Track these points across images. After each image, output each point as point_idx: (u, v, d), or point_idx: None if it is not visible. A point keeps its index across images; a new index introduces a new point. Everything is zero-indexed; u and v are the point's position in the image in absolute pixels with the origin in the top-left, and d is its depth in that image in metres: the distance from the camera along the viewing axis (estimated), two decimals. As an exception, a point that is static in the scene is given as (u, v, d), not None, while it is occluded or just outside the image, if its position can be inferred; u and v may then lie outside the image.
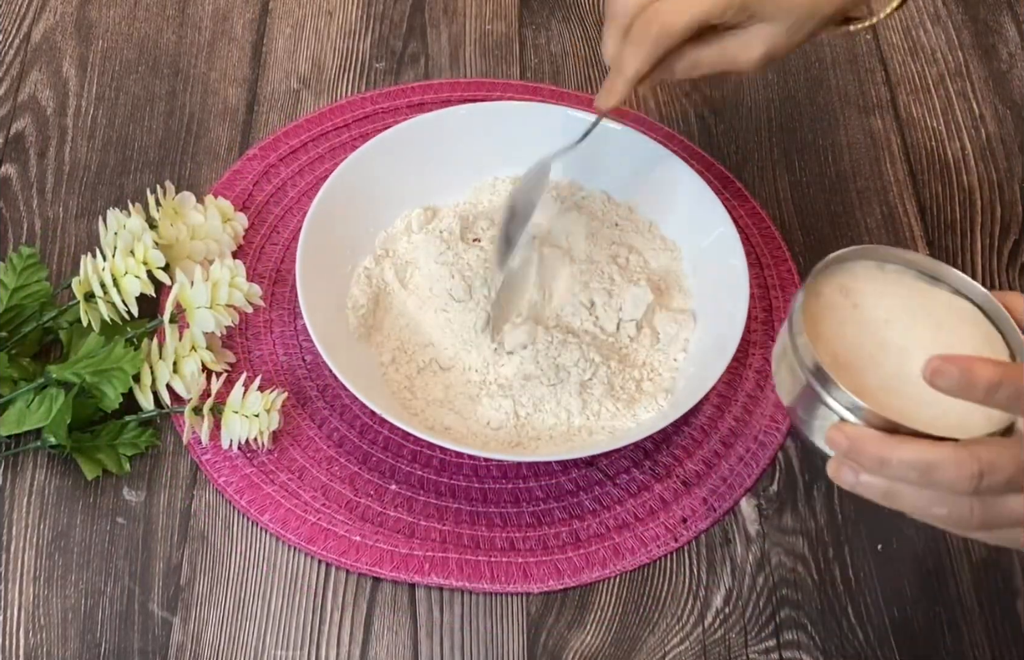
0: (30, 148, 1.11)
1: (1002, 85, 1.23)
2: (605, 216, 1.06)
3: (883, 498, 0.70)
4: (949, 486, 0.67)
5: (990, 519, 0.68)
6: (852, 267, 0.77)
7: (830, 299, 0.76)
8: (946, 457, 0.66)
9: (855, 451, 0.69)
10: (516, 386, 0.95)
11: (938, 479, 0.67)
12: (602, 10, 1.26)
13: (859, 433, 0.69)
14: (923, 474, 0.67)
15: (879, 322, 0.75)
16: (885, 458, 0.68)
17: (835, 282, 0.77)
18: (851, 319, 0.75)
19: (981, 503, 0.68)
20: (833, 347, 0.74)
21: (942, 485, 0.67)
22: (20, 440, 0.93)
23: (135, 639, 0.85)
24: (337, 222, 1.01)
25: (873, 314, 0.75)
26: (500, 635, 0.87)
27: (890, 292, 0.76)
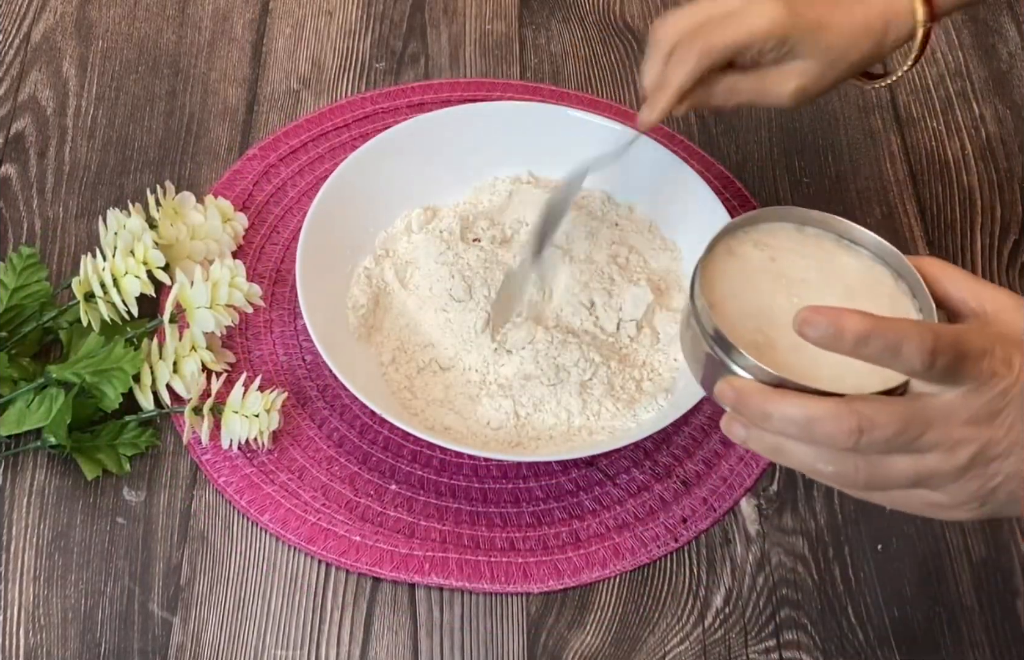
0: (30, 148, 1.11)
1: (1002, 85, 1.23)
2: (605, 216, 1.06)
3: (772, 453, 0.70)
4: (829, 441, 0.67)
5: (876, 479, 0.68)
6: (771, 228, 0.78)
7: (746, 255, 0.76)
8: (826, 411, 0.66)
9: (741, 404, 0.69)
10: (516, 386, 0.95)
11: (818, 433, 0.67)
12: (602, 10, 1.26)
13: (745, 386, 0.69)
14: (803, 428, 0.67)
15: (795, 280, 0.75)
16: (768, 411, 0.68)
17: (750, 239, 0.77)
18: (768, 270, 0.76)
19: (866, 461, 0.68)
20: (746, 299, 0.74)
21: (823, 440, 0.67)
22: (20, 440, 0.93)
23: (135, 639, 0.85)
24: (337, 222, 1.01)
25: (789, 271, 0.76)
26: (500, 635, 0.87)
27: (808, 252, 0.77)
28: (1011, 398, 0.67)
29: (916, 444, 0.67)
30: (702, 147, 1.15)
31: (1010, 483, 0.68)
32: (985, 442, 0.67)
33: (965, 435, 0.67)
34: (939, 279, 0.73)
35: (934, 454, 0.67)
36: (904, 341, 0.64)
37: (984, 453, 0.67)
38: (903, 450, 0.67)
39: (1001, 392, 0.66)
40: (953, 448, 0.67)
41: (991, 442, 0.67)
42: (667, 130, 1.15)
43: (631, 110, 1.17)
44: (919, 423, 0.66)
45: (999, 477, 0.68)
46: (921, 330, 0.64)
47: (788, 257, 0.77)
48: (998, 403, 0.67)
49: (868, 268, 0.77)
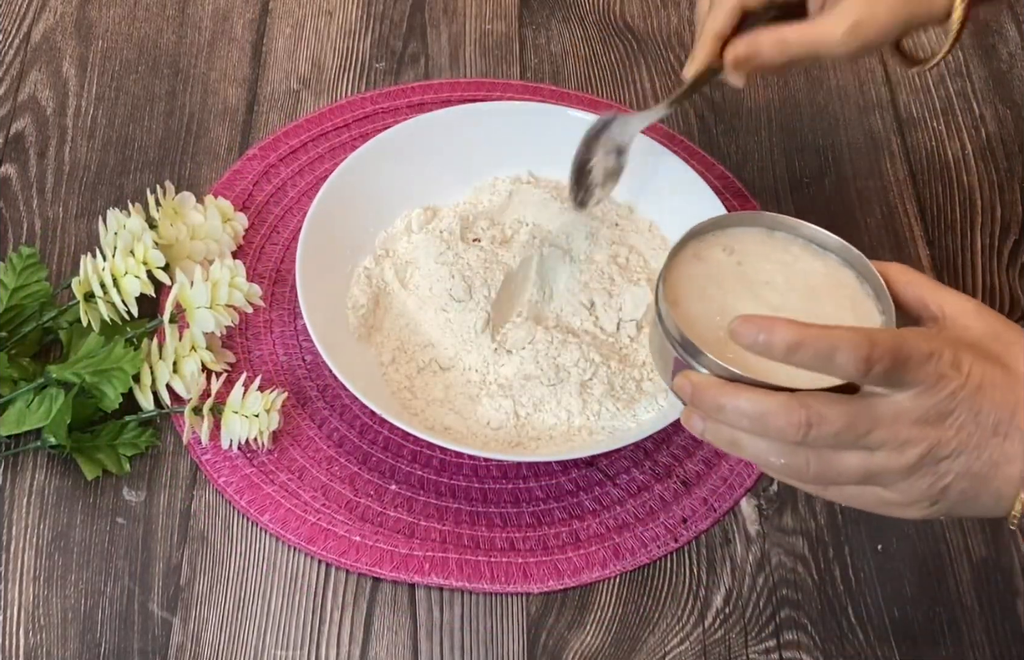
0: (30, 148, 1.11)
1: (1002, 85, 1.23)
2: (605, 216, 1.06)
3: (728, 446, 0.72)
4: (779, 434, 0.68)
5: (826, 473, 0.70)
6: (739, 232, 0.79)
7: (713, 259, 0.78)
8: (776, 405, 0.68)
9: (697, 397, 0.71)
10: (516, 386, 0.95)
11: (770, 426, 0.68)
12: (602, 10, 1.26)
13: (701, 380, 0.71)
14: (755, 421, 0.69)
15: (760, 283, 0.77)
16: (721, 404, 0.70)
17: (719, 243, 0.79)
18: (733, 273, 0.77)
19: (816, 456, 0.69)
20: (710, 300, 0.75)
21: (774, 433, 0.68)
22: (20, 440, 0.93)
23: (135, 639, 0.85)
24: (337, 222, 1.01)
25: (754, 275, 0.77)
26: (500, 635, 0.87)
27: (774, 257, 0.78)
28: (960, 400, 0.67)
29: (864, 441, 0.68)
30: (702, 147, 1.15)
31: (961, 481, 0.69)
32: (934, 442, 0.68)
33: (913, 435, 0.68)
34: (901, 283, 0.74)
35: (883, 452, 0.68)
36: (836, 350, 0.65)
37: (933, 453, 0.68)
38: (852, 446, 0.68)
39: (950, 394, 0.67)
40: (901, 447, 0.68)
41: (940, 442, 0.68)
42: (667, 130, 1.15)
43: (631, 110, 1.17)
44: (867, 420, 0.67)
45: (949, 476, 0.69)
46: (855, 338, 0.65)
47: (754, 261, 0.78)
48: (947, 405, 0.67)
49: (833, 271, 0.78)
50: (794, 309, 0.75)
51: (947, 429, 0.68)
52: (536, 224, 1.03)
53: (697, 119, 1.18)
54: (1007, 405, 0.68)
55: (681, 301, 0.75)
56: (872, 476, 0.69)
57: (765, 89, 1.21)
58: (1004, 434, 0.68)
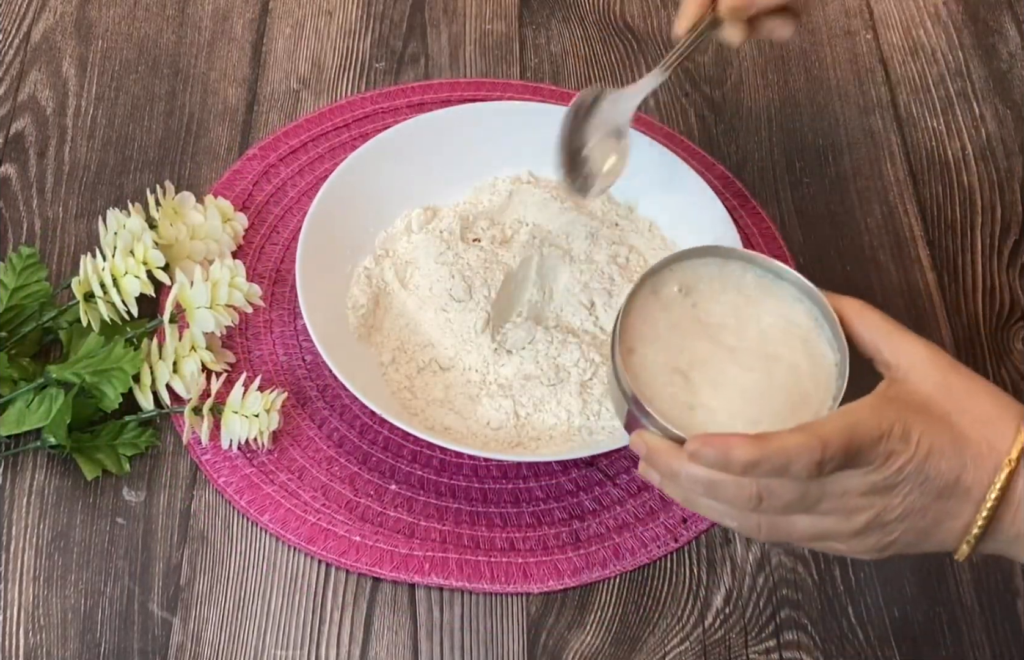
0: (30, 148, 1.11)
1: (1002, 85, 1.23)
2: (605, 216, 1.06)
3: (684, 503, 0.74)
4: (731, 503, 0.70)
5: (777, 535, 0.72)
6: (694, 265, 0.80)
7: (669, 297, 0.79)
8: (726, 478, 0.69)
9: (651, 460, 0.73)
10: (516, 386, 0.94)
11: (721, 496, 0.70)
12: (602, 10, 1.26)
13: (655, 444, 0.72)
14: (708, 489, 0.71)
15: (714, 326, 0.77)
16: (675, 471, 0.71)
17: (675, 279, 0.79)
18: (688, 316, 0.78)
19: (768, 520, 0.71)
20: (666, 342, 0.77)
21: (726, 501, 0.70)
22: (20, 440, 0.93)
23: (135, 639, 0.85)
24: (337, 222, 1.01)
25: (707, 317, 0.78)
26: (500, 635, 0.87)
27: (727, 299, 0.79)
28: (908, 474, 0.69)
29: (814, 509, 0.70)
30: (702, 147, 1.15)
31: (907, 536, 0.71)
32: (880, 509, 0.70)
33: (861, 504, 0.70)
34: (856, 323, 0.75)
35: (831, 518, 0.70)
36: (791, 462, 0.67)
37: (879, 518, 0.70)
38: (802, 512, 0.70)
39: (898, 469, 0.69)
40: (849, 515, 0.70)
41: (887, 509, 0.70)
42: (667, 130, 1.15)
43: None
44: (816, 493, 0.69)
45: (895, 534, 0.71)
46: (809, 445, 0.67)
47: (708, 303, 0.78)
48: (895, 479, 0.69)
49: (787, 310, 0.78)
50: (749, 351, 0.76)
51: (894, 497, 0.70)
52: (536, 224, 1.03)
53: (697, 119, 1.18)
54: (952, 471, 0.70)
55: (637, 347, 0.76)
56: (821, 536, 0.72)
57: (765, 89, 1.21)
58: (948, 496, 0.70)
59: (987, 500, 0.69)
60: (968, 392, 0.71)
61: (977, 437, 0.70)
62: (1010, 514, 0.70)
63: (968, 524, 0.70)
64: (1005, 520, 0.70)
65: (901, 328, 0.74)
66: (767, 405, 0.74)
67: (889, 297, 1.06)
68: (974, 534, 0.70)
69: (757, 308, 0.78)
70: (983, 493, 0.69)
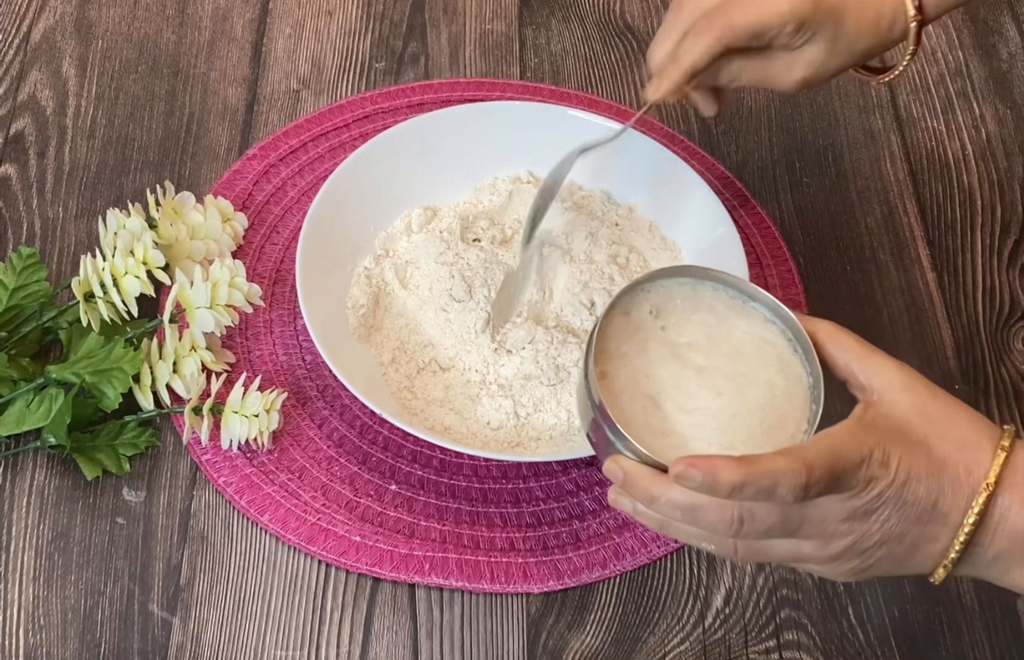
0: (30, 148, 1.11)
1: (1002, 85, 1.23)
2: (605, 216, 1.06)
3: (659, 528, 0.74)
4: (711, 528, 0.70)
5: (754, 557, 0.73)
6: (667, 284, 0.79)
7: (640, 319, 0.78)
8: (707, 502, 0.69)
9: (629, 486, 0.72)
10: (516, 386, 0.94)
11: (701, 521, 0.70)
12: (602, 10, 1.26)
13: (633, 469, 0.72)
14: (687, 515, 0.70)
15: (682, 345, 0.77)
16: (654, 496, 0.71)
17: (648, 301, 0.79)
18: (658, 339, 0.77)
19: (745, 545, 0.71)
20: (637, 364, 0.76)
21: (705, 527, 0.70)
22: (20, 440, 0.93)
23: (135, 639, 0.85)
24: (337, 222, 1.01)
25: (677, 337, 0.77)
26: (500, 635, 0.87)
27: (696, 319, 0.78)
28: (887, 499, 0.69)
29: (793, 535, 0.70)
30: (702, 147, 1.15)
31: (884, 562, 0.72)
32: (859, 535, 0.70)
33: (841, 529, 0.70)
34: (829, 346, 0.75)
35: (809, 543, 0.71)
36: (777, 485, 0.67)
37: (857, 545, 0.71)
38: (782, 536, 0.70)
39: (877, 494, 0.69)
40: (827, 541, 0.70)
41: (865, 535, 0.70)
42: (667, 130, 1.15)
43: (631, 110, 1.17)
44: (796, 519, 0.69)
45: (872, 559, 0.71)
46: (794, 469, 0.67)
47: (678, 323, 0.78)
48: (874, 504, 0.69)
49: (761, 329, 0.78)
50: (720, 369, 0.76)
51: (872, 523, 0.70)
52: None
53: (697, 119, 1.18)
54: (930, 495, 0.70)
55: (608, 370, 0.76)
56: (800, 559, 0.72)
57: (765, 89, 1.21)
58: (926, 521, 0.70)
59: (964, 525, 0.70)
60: (945, 417, 0.71)
61: (954, 461, 0.70)
62: (987, 537, 0.70)
63: (946, 548, 0.71)
64: (982, 543, 0.71)
65: (875, 350, 0.73)
66: (741, 428, 0.73)
67: (889, 297, 1.06)
68: (951, 558, 0.71)
69: (729, 327, 0.78)
70: (960, 517, 0.70)
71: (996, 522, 0.70)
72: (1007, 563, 0.71)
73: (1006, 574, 0.72)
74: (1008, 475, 0.70)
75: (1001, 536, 0.70)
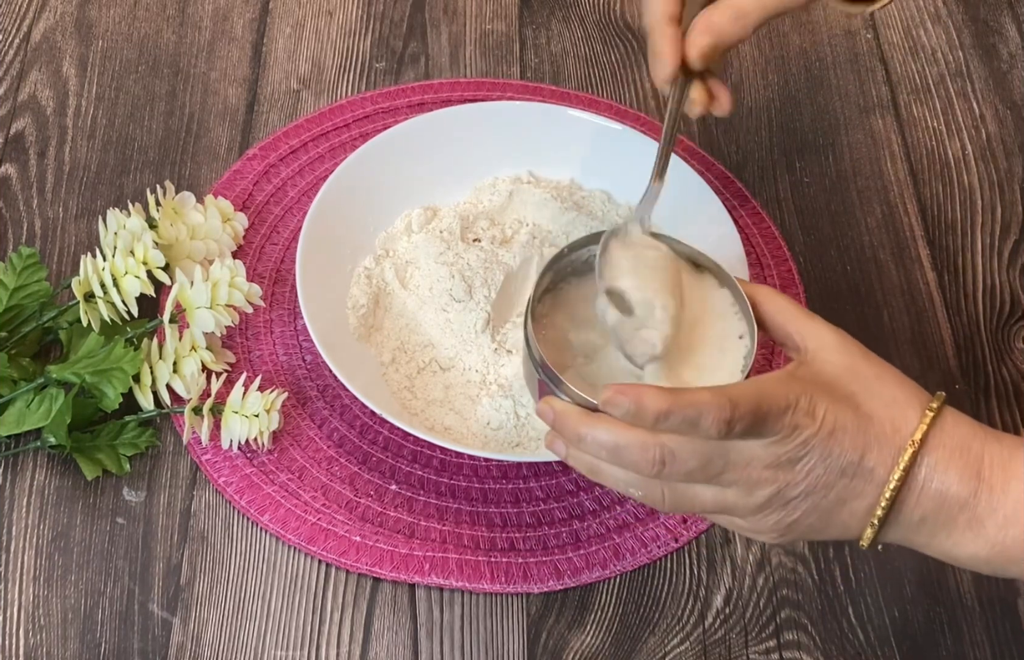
0: (30, 148, 1.11)
1: (1002, 85, 1.23)
2: (605, 216, 1.06)
3: (589, 473, 0.74)
4: (635, 468, 0.71)
5: (680, 504, 0.73)
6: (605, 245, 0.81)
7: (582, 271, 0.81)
8: (632, 440, 0.70)
9: (558, 425, 0.73)
10: (516, 386, 0.94)
11: (625, 460, 0.71)
12: (602, 10, 1.26)
13: (563, 409, 0.73)
14: (612, 453, 0.71)
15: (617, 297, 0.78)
16: (581, 435, 0.72)
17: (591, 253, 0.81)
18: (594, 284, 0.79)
19: (671, 489, 0.72)
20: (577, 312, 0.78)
21: (629, 466, 0.71)
22: (20, 440, 0.93)
23: (135, 639, 0.85)
24: (337, 222, 1.01)
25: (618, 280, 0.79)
26: (500, 635, 0.87)
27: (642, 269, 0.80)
28: (812, 448, 0.70)
29: (717, 480, 0.71)
30: (702, 147, 1.15)
31: (808, 517, 0.72)
32: (783, 485, 0.71)
33: (765, 476, 0.70)
34: (766, 305, 0.76)
35: (734, 489, 0.71)
36: (701, 416, 0.68)
37: (782, 494, 0.71)
38: (705, 482, 0.71)
39: (802, 442, 0.70)
40: (751, 488, 0.71)
41: (789, 485, 0.71)
42: (667, 130, 1.15)
43: (631, 110, 1.17)
44: (719, 462, 0.70)
45: (796, 513, 0.72)
46: (719, 401, 0.68)
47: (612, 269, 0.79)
48: (798, 452, 0.70)
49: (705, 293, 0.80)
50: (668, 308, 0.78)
51: (797, 473, 0.70)
52: (536, 224, 1.03)
53: (697, 119, 1.17)
54: (856, 448, 0.70)
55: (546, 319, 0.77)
56: (723, 509, 0.72)
57: (765, 89, 1.21)
58: (852, 475, 0.71)
59: (890, 480, 0.70)
60: (875, 376, 0.72)
61: (881, 417, 0.71)
62: (913, 498, 0.71)
63: (871, 505, 0.71)
64: (908, 503, 0.71)
65: (811, 314, 0.75)
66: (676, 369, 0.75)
67: (889, 297, 1.06)
68: (877, 516, 0.71)
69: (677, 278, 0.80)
70: (886, 474, 0.70)
71: (921, 482, 0.71)
72: (933, 527, 0.71)
73: (933, 540, 0.72)
74: (935, 435, 0.71)
75: (927, 497, 0.71)
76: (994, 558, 0.71)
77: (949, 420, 0.71)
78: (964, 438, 0.71)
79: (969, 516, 0.71)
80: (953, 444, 0.71)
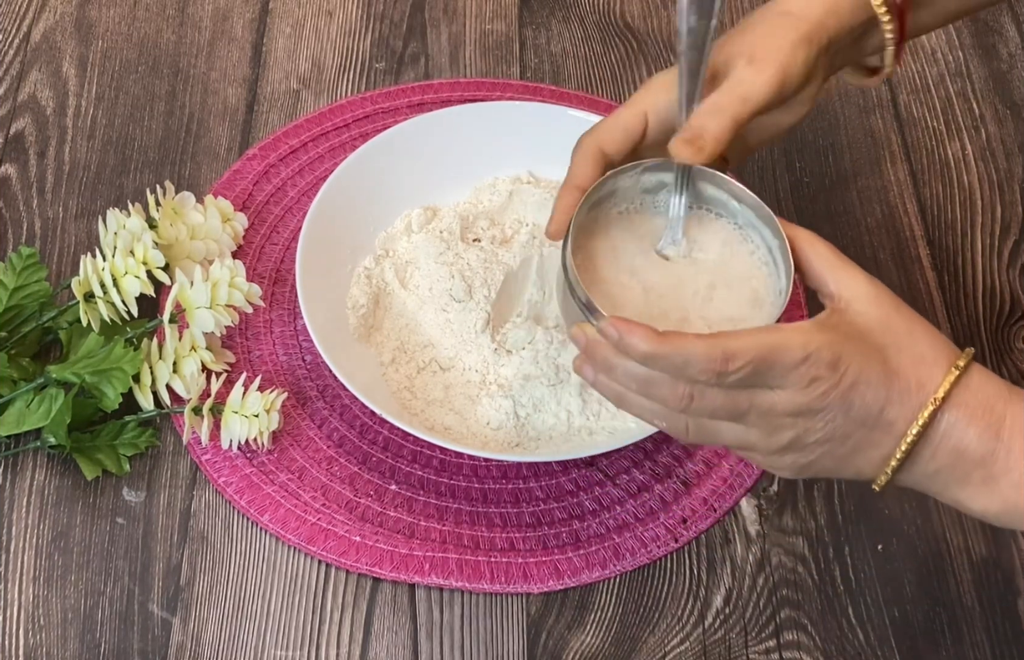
0: (30, 148, 1.11)
1: (1002, 85, 1.23)
2: (605, 216, 1.06)
3: (616, 400, 0.75)
4: (663, 401, 0.72)
5: (703, 437, 0.74)
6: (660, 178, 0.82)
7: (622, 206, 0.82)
8: (661, 376, 0.71)
9: (590, 351, 0.74)
10: (516, 386, 0.95)
11: (654, 393, 0.72)
12: (602, 10, 1.26)
13: (595, 335, 0.74)
14: (642, 386, 0.72)
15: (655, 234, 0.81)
16: (613, 364, 0.73)
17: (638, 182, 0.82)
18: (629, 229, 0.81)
19: (695, 422, 0.73)
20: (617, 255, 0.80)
21: (658, 399, 0.72)
22: (20, 440, 0.93)
23: (135, 639, 0.85)
24: (337, 222, 1.01)
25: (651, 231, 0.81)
26: (500, 635, 0.87)
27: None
28: (831, 400, 0.71)
29: (742, 419, 0.72)
30: (702, 147, 1.15)
31: (824, 461, 0.73)
32: (802, 431, 0.72)
33: (785, 422, 0.72)
34: (806, 250, 0.77)
35: (756, 430, 0.72)
36: (688, 364, 0.69)
37: (800, 439, 0.72)
38: (729, 420, 0.72)
39: (822, 394, 0.71)
40: (772, 431, 0.72)
41: (808, 431, 0.72)
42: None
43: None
44: (744, 403, 0.71)
45: (813, 456, 0.73)
46: (709, 355, 0.69)
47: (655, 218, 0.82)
48: (818, 404, 0.71)
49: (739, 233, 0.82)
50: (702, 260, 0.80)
51: (816, 421, 0.71)
52: (536, 224, 1.03)
53: (697, 119, 1.17)
54: (877, 402, 0.71)
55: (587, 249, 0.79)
56: (745, 446, 0.74)
57: (765, 89, 1.21)
58: (872, 426, 0.72)
59: (908, 435, 0.71)
60: (907, 331, 0.73)
61: (907, 374, 0.71)
62: (929, 450, 0.72)
63: (887, 456, 0.72)
64: (924, 456, 0.72)
65: (849, 262, 0.75)
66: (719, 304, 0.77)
67: (889, 297, 1.06)
68: (892, 466, 0.72)
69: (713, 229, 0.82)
70: (905, 427, 0.71)
71: (940, 437, 0.71)
72: (947, 480, 0.72)
73: (947, 490, 0.73)
74: (958, 393, 0.71)
75: (943, 451, 0.72)
76: (1004, 514, 0.72)
77: (976, 378, 0.72)
78: (989, 398, 0.72)
79: (984, 473, 0.71)
80: (976, 403, 0.71)
